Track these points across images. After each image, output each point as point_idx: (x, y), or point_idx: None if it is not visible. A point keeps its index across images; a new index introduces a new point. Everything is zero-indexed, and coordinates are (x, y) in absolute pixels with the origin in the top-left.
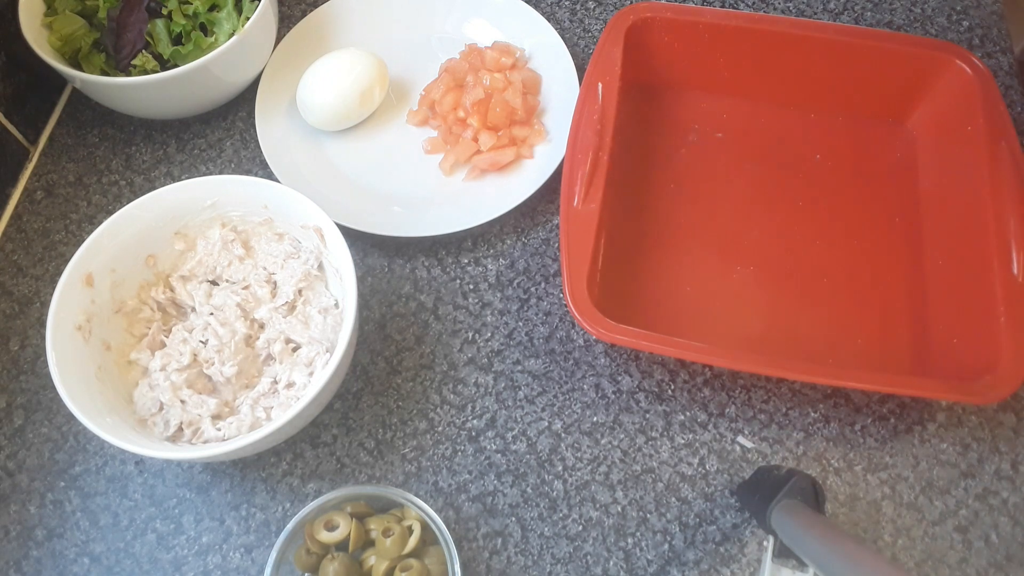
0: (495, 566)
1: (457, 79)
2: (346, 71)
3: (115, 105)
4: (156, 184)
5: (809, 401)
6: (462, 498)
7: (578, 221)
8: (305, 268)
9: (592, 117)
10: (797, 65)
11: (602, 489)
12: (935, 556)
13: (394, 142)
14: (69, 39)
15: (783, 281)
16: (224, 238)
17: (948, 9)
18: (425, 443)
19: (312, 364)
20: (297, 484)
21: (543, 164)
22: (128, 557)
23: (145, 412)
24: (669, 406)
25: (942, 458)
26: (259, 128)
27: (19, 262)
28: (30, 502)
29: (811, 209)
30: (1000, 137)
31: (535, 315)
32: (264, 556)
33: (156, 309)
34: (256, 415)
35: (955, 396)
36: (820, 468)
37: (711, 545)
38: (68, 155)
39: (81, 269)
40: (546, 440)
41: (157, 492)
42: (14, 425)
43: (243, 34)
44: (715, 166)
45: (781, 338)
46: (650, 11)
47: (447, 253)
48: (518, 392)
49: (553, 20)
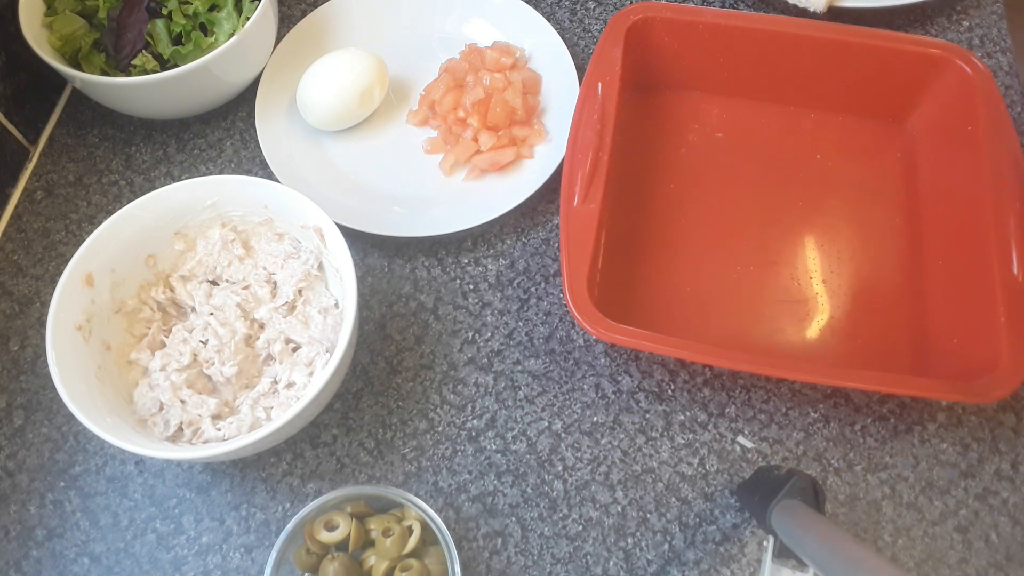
0: (495, 566)
1: (457, 79)
2: (346, 71)
3: (115, 105)
4: (156, 184)
5: (809, 401)
6: (462, 498)
7: (578, 221)
8: (305, 268)
9: (592, 117)
10: (797, 65)
11: (602, 489)
12: (935, 556)
13: (394, 142)
14: (69, 39)
15: (783, 281)
16: (224, 238)
17: (948, 9)
18: (425, 443)
19: (312, 364)
20: (297, 484)
21: (543, 164)
22: (128, 557)
23: (145, 412)
24: (669, 406)
25: (942, 458)
26: (259, 128)
27: (19, 262)
28: (30, 502)
29: (811, 209)
30: (1000, 137)
31: (535, 315)
32: (264, 556)
33: (156, 309)
34: (256, 415)
35: (955, 396)
36: (820, 468)
37: (711, 545)
38: (68, 155)
39: (81, 269)
40: (546, 440)
41: (157, 492)
42: (14, 425)
43: (243, 34)
44: (715, 166)
45: (781, 338)
46: (650, 11)
47: (447, 253)
48: (518, 392)
49: (553, 20)
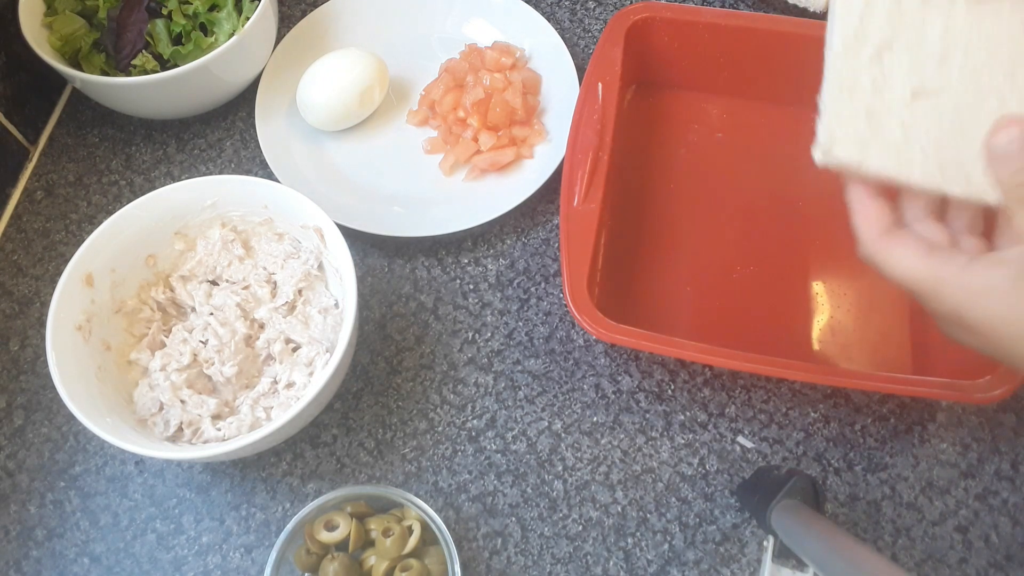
0: (495, 566)
1: (457, 79)
2: (346, 71)
3: (115, 105)
4: (156, 184)
5: (809, 401)
6: (462, 498)
7: (578, 221)
8: (305, 268)
9: (592, 117)
10: (797, 65)
11: (602, 489)
12: (935, 556)
13: (394, 142)
14: (69, 39)
15: (783, 281)
16: (224, 238)
17: None
18: (425, 443)
19: (312, 364)
20: (297, 484)
21: (543, 164)
22: (128, 557)
23: (145, 412)
24: (669, 406)
25: (942, 458)
26: (259, 128)
27: (19, 262)
28: (30, 502)
29: (811, 208)
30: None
31: (535, 315)
32: (264, 556)
33: (156, 309)
34: (256, 415)
35: (955, 396)
36: (820, 468)
37: (711, 545)
38: (68, 155)
39: (81, 269)
40: (546, 440)
41: (157, 492)
42: (14, 425)
43: (243, 34)
44: (715, 166)
45: (781, 338)
46: (650, 11)
47: (447, 253)
48: (518, 392)
49: (553, 20)
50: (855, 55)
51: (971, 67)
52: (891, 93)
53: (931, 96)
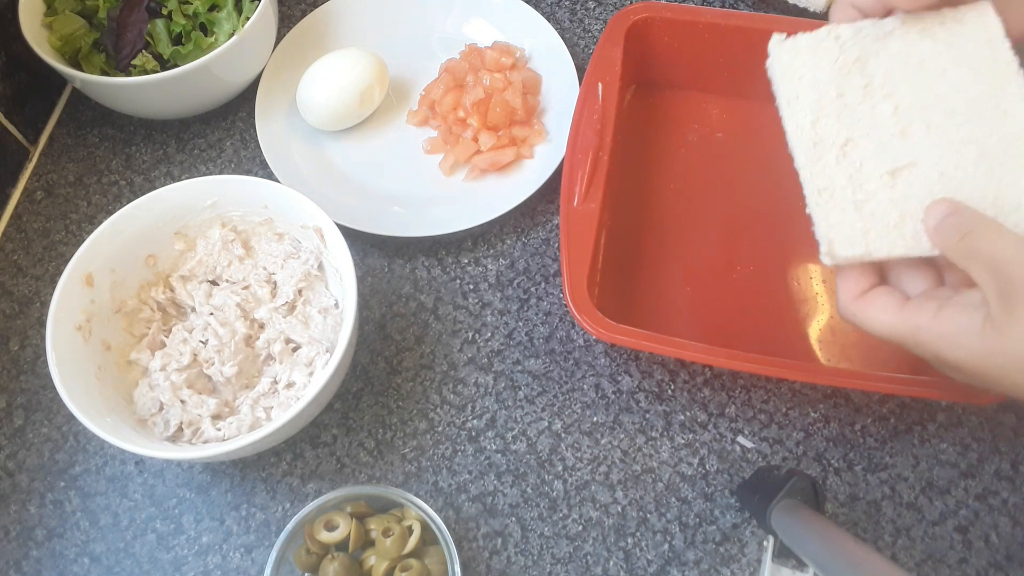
0: (495, 566)
1: (457, 79)
2: (346, 71)
3: (115, 105)
4: (156, 184)
5: (809, 401)
6: (462, 498)
7: (578, 221)
8: (305, 268)
9: (592, 117)
10: None
11: (602, 489)
12: (935, 556)
13: (394, 142)
14: (69, 39)
15: (783, 281)
16: (224, 238)
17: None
18: (425, 443)
19: (312, 364)
20: (297, 484)
21: (543, 164)
22: (128, 557)
23: (145, 412)
24: (669, 406)
25: (942, 458)
26: (259, 128)
27: (19, 262)
28: (30, 502)
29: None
30: None
31: (535, 315)
32: (264, 556)
33: (156, 309)
34: (256, 415)
35: (955, 396)
36: (820, 468)
37: (711, 545)
38: (68, 155)
39: (81, 269)
40: (546, 440)
41: (157, 492)
42: (14, 425)
43: (243, 34)
44: (715, 166)
45: (781, 338)
46: (650, 11)
47: (447, 253)
48: (518, 392)
49: (553, 20)
50: (821, 160)
51: (935, 130)
52: (870, 182)
53: (910, 169)
